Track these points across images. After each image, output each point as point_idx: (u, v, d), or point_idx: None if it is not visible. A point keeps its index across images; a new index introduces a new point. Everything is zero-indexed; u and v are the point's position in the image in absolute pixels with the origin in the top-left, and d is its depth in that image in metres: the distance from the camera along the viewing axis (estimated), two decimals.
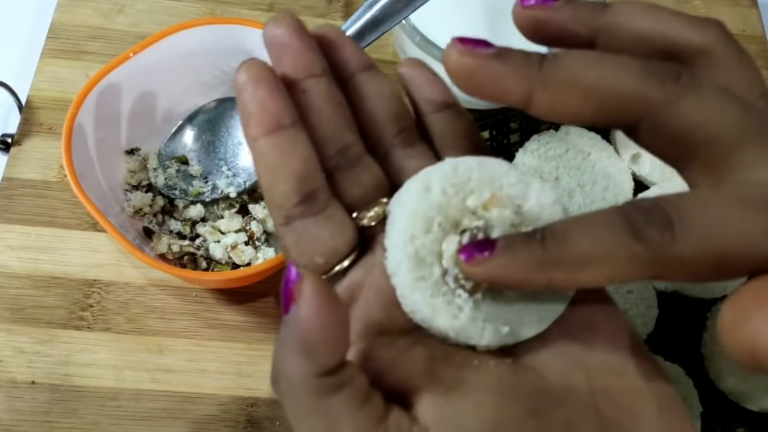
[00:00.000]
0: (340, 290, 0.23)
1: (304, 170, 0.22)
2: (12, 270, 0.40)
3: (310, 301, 0.18)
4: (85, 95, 0.37)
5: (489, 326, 0.21)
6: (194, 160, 0.42)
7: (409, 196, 0.22)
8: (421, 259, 0.21)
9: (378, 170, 0.24)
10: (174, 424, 0.37)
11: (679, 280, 0.20)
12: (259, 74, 0.21)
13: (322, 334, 0.18)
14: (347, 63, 0.24)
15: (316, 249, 0.22)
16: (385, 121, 0.24)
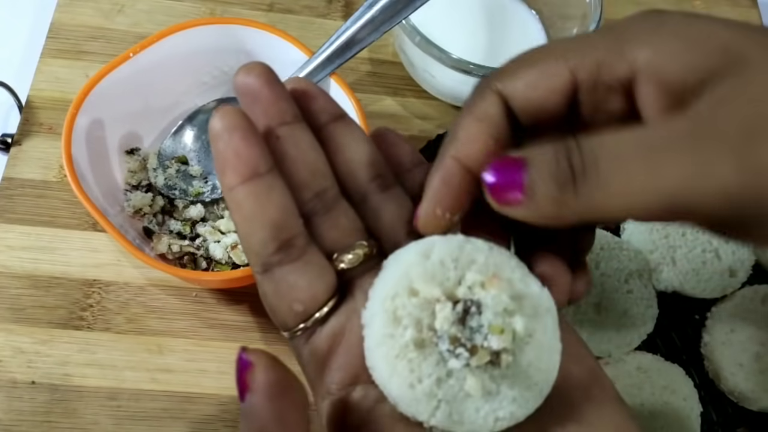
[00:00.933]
0: (320, 337, 0.22)
1: (281, 218, 0.21)
2: (12, 270, 0.40)
3: (263, 390, 0.18)
4: (85, 95, 0.37)
5: (444, 407, 0.20)
6: (194, 160, 0.42)
7: (406, 257, 0.22)
8: (397, 319, 0.21)
9: (354, 215, 0.24)
10: (174, 424, 0.37)
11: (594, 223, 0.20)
12: (234, 122, 0.21)
13: (279, 424, 0.18)
14: (320, 113, 0.24)
15: (295, 297, 0.22)
16: (360, 167, 0.24)
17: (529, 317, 0.21)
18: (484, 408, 0.20)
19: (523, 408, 0.21)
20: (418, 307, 0.21)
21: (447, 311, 0.20)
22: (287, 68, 0.39)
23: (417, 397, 0.20)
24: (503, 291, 0.21)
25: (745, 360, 0.39)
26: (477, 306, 0.20)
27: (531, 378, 0.21)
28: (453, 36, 0.45)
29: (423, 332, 0.21)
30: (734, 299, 0.41)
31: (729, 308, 0.41)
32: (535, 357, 0.21)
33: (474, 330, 0.20)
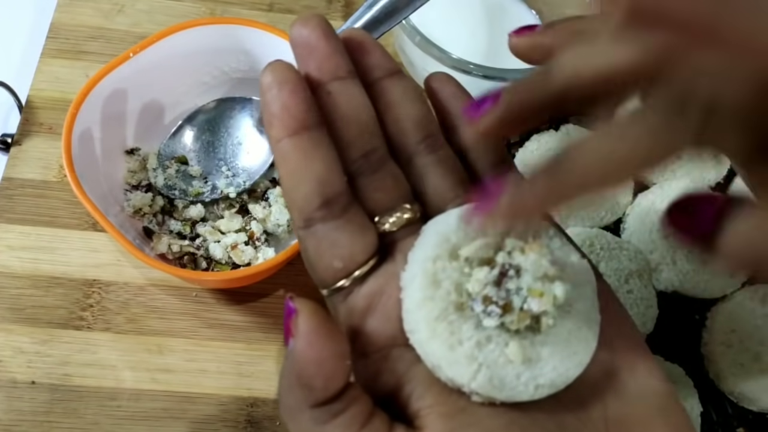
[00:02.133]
0: (358, 297, 0.22)
1: (325, 173, 0.21)
2: (12, 270, 0.40)
3: (305, 336, 0.19)
4: (85, 95, 0.37)
5: (484, 371, 0.20)
6: (194, 161, 0.42)
7: (446, 221, 0.22)
8: (436, 281, 0.21)
9: (401, 176, 0.24)
10: (174, 424, 0.37)
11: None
12: (284, 76, 0.21)
13: (317, 368, 0.19)
14: (374, 67, 0.24)
15: (335, 253, 0.22)
16: (409, 127, 0.24)
17: (570, 286, 0.21)
18: (524, 374, 0.20)
19: (563, 376, 0.21)
20: (457, 271, 0.21)
21: (482, 273, 0.20)
22: None
23: (458, 359, 0.20)
24: (543, 256, 0.20)
25: (745, 360, 0.39)
26: (516, 270, 0.20)
27: (571, 347, 0.21)
28: (453, 36, 0.45)
29: (462, 296, 0.21)
30: (734, 299, 0.41)
31: (729, 308, 0.41)
32: (575, 326, 0.21)
33: (512, 292, 0.20)
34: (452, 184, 0.24)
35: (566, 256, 0.22)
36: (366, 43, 0.24)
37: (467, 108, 0.22)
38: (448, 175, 0.24)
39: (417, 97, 0.24)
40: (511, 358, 0.20)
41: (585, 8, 0.44)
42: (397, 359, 0.21)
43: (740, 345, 0.40)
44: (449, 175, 0.24)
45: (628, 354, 0.23)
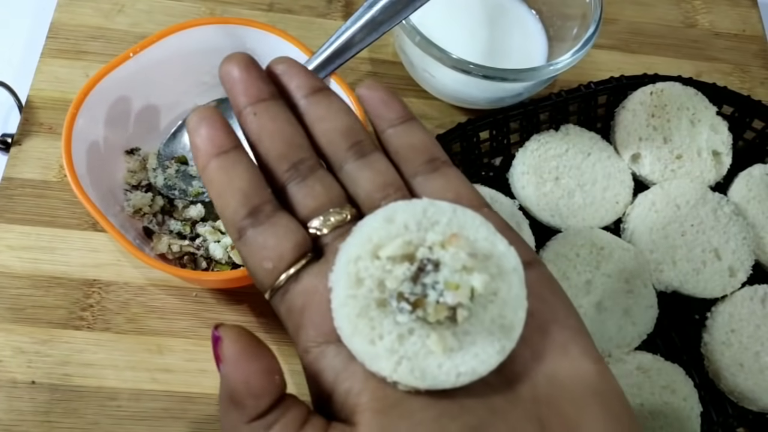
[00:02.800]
0: (294, 295, 0.23)
1: (248, 187, 0.24)
2: (12, 270, 0.40)
3: (231, 360, 0.21)
4: (85, 95, 0.37)
5: (405, 363, 0.21)
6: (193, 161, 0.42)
7: (370, 222, 0.23)
8: (359, 280, 0.22)
9: (331, 182, 0.25)
10: (174, 424, 0.37)
11: None
12: (203, 114, 0.24)
13: (246, 388, 0.21)
14: (298, 89, 0.26)
15: (264, 255, 0.23)
16: (336, 137, 0.26)
17: (493, 275, 0.22)
18: (446, 364, 0.21)
19: (485, 364, 0.21)
20: (380, 269, 0.22)
21: (400, 270, 0.21)
22: None
23: (378, 353, 0.21)
24: (462, 249, 0.21)
25: (745, 360, 0.39)
26: (435, 264, 0.21)
27: (494, 335, 0.21)
28: (453, 36, 0.45)
29: (385, 293, 0.22)
30: (734, 299, 0.41)
31: (729, 308, 0.41)
32: (499, 314, 0.22)
33: (428, 287, 0.21)
34: (381, 185, 0.25)
35: (492, 245, 0.22)
36: (289, 69, 0.26)
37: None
38: (376, 176, 0.25)
39: (341, 110, 0.26)
40: (432, 348, 0.21)
41: (585, 8, 0.44)
42: (334, 356, 0.22)
43: (740, 345, 0.40)
44: (378, 177, 0.25)
45: (561, 337, 0.23)
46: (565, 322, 0.24)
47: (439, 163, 0.27)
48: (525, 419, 0.21)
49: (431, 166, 0.26)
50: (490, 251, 0.22)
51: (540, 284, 0.24)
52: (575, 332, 0.24)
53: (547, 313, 0.24)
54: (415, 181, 0.26)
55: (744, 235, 0.43)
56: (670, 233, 0.42)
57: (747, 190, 0.45)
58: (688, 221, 0.43)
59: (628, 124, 0.45)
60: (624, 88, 0.47)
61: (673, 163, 0.45)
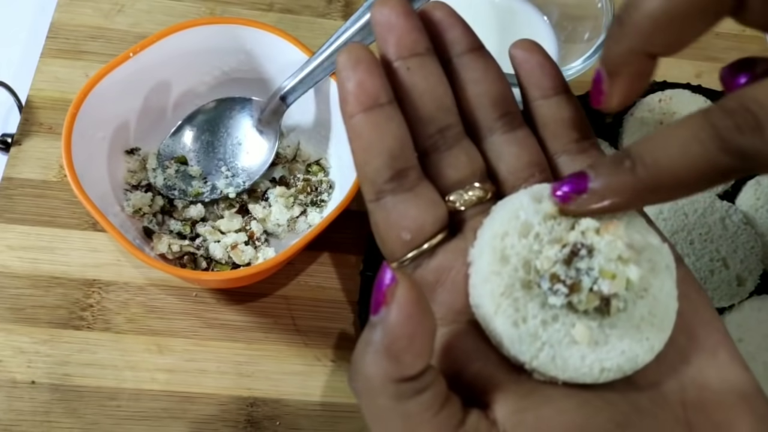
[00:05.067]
0: (427, 271, 0.22)
1: (397, 148, 0.22)
2: (12, 270, 0.40)
3: (402, 307, 0.18)
4: (85, 95, 0.37)
5: (547, 350, 0.20)
6: (193, 161, 0.42)
7: (518, 199, 0.22)
8: (504, 257, 0.20)
9: (476, 154, 0.24)
10: (174, 424, 0.37)
11: None
12: (359, 55, 0.22)
13: (409, 342, 0.18)
14: (453, 44, 0.24)
15: (404, 225, 0.22)
16: (486, 104, 0.24)
17: (646, 271, 0.20)
18: (590, 356, 0.20)
19: (631, 362, 0.20)
20: (527, 248, 0.21)
21: (552, 251, 0.20)
22: (287, 68, 0.39)
23: (521, 337, 0.20)
24: (619, 238, 0.20)
25: (754, 369, 0.39)
26: (589, 250, 0.20)
27: (642, 333, 0.20)
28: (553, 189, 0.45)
29: (530, 274, 0.20)
30: (742, 309, 0.41)
31: (737, 318, 0.41)
32: (649, 312, 0.20)
33: (582, 272, 0.20)
34: (526, 164, 0.24)
35: (645, 239, 0.21)
36: (445, 20, 0.24)
37: (556, 191, 0.21)
38: (523, 154, 0.24)
39: (496, 75, 0.24)
40: (577, 339, 0.20)
41: (596, 12, 0.44)
42: (465, 335, 0.21)
43: (748, 355, 0.40)
44: (524, 154, 0.24)
45: (709, 341, 0.22)
46: (711, 325, 0.23)
47: (588, 144, 0.25)
48: (674, 422, 0.20)
49: (579, 147, 0.25)
50: (643, 245, 0.21)
51: (685, 283, 0.23)
52: (723, 336, 0.22)
53: (693, 314, 0.22)
54: (560, 160, 0.25)
55: (752, 245, 0.43)
56: (677, 241, 0.42)
57: (755, 198, 0.45)
58: (696, 230, 0.42)
59: (637, 131, 0.45)
60: None
61: None
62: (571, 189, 0.21)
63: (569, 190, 0.21)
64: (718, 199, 0.44)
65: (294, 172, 0.43)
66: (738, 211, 0.44)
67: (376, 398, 0.19)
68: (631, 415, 0.20)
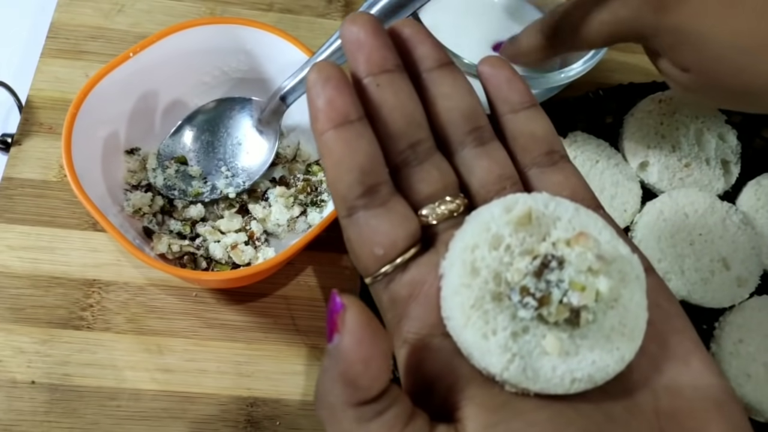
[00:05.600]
0: (400, 285, 0.22)
1: (367, 164, 0.22)
2: (12, 270, 0.40)
3: (353, 332, 0.18)
4: (85, 95, 0.37)
5: (518, 362, 0.20)
6: (193, 161, 0.42)
7: (489, 210, 0.22)
8: (475, 270, 0.21)
9: (448, 168, 0.24)
10: (174, 424, 0.37)
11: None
12: (329, 73, 0.22)
13: (364, 366, 0.18)
14: (422, 59, 0.24)
15: (376, 240, 0.22)
16: (457, 119, 0.24)
17: (616, 281, 0.20)
18: (561, 367, 0.20)
19: (602, 372, 0.20)
20: (497, 260, 0.21)
21: (523, 263, 0.20)
22: (287, 68, 0.39)
23: (490, 349, 0.20)
24: (590, 249, 0.20)
25: (754, 370, 0.39)
26: (559, 262, 0.20)
27: (613, 343, 0.20)
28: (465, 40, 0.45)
29: (501, 286, 0.20)
30: (743, 309, 0.41)
31: (737, 318, 0.41)
32: (619, 322, 0.21)
33: (552, 284, 0.20)
34: (498, 177, 0.24)
35: (615, 249, 0.21)
36: (415, 36, 0.24)
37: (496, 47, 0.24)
38: (494, 167, 0.24)
39: (465, 89, 0.25)
40: (547, 350, 0.20)
41: None
42: (438, 349, 0.21)
43: (748, 355, 0.39)
44: (495, 167, 0.24)
45: (681, 349, 0.22)
46: (683, 333, 0.23)
47: (557, 156, 0.25)
48: (647, 430, 0.20)
49: (549, 159, 0.25)
50: (613, 256, 0.21)
51: (656, 292, 0.23)
52: (695, 344, 0.22)
53: (664, 323, 0.22)
54: (531, 173, 0.25)
55: (753, 245, 0.43)
56: (678, 242, 0.42)
57: (756, 199, 0.45)
58: (696, 230, 0.42)
59: (637, 131, 0.45)
60: (632, 96, 0.47)
61: (682, 172, 0.45)
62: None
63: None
64: (719, 200, 0.44)
65: (294, 172, 0.43)
66: (738, 211, 0.44)
67: (340, 423, 0.19)
68: (604, 425, 0.20)
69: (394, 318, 0.23)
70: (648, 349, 0.21)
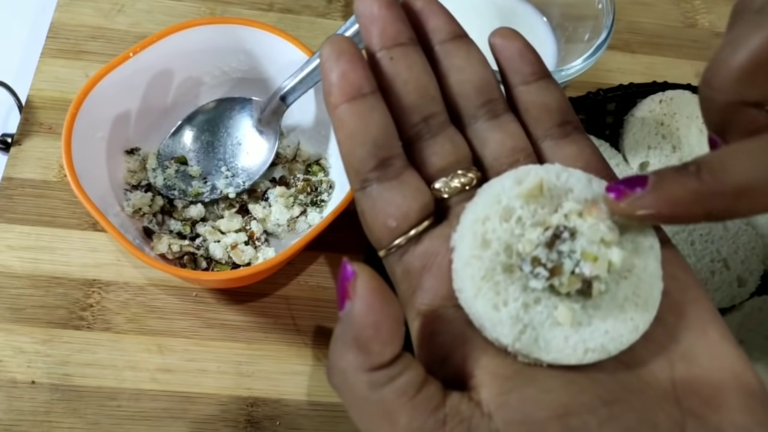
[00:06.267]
0: (414, 257, 0.22)
1: (381, 136, 0.22)
2: (12, 270, 0.40)
3: (364, 298, 0.19)
4: (85, 95, 0.37)
5: (529, 332, 0.20)
6: (193, 161, 0.42)
7: (500, 183, 0.22)
8: (485, 242, 0.21)
9: (461, 141, 0.24)
10: (174, 424, 0.37)
11: None
12: (342, 47, 0.22)
13: (375, 331, 0.19)
14: (435, 32, 0.24)
15: (389, 212, 0.22)
16: (470, 92, 0.24)
17: (629, 252, 0.21)
18: (573, 337, 0.20)
19: (615, 342, 0.20)
20: (508, 232, 0.21)
21: (534, 234, 0.20)
22: (287, 68, 0.39)
23: (501, 320, 0.20)
24: (601, 220, 0.20)
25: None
26: (571, 232, 0.20)
27: (627, 313, 0.20)
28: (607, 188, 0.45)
29: (512, 257, 0.20)
30: (743, 309, 0.41)
31: (738, 318, 0.41)
32: (633, 293, 0.21)
33: (564, 255, 0.20)
34: (511, 150, 0.24)
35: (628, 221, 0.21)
36: (427, 8, 0.24)
37: (610, 188, 0.21)
38: (507, 140, 0.24)
39: (479, 62, 0.25)
40: (559, 320, 0.20)
41: (596, 13, 0.44)
42: (451, 320, 0.21)
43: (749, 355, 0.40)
44: (508, 140, 0.24)
45: (698, 319, 0.22)
46: (700, 304, 0.22)
47: (570, 128, 0.25)
48: (662, 398, 0.20)
49: (562, 131, 0.25)
50: (626, 226, 0.21)
51: (672, 263, 0.23)
52: (712, 314, 0.22)
53: (681, 294, 0.22)
54: (544, 145, 0.25)
55: (753, 245, 0.43)
56: (678, 242, 0.42)
57: None
58: (696, 231, 0.42)
59: (637, 131, 0.45)
60: (633, 96, 0.47)
61: None
62: (628, 186, 0.20)
63: (625, 187, 0.20)
64: None
65: (294, 172, 0.43)
66: None
67: (353, 390, 0.20)
68: (620, 393, 0.20)
69: (408, 290, 0.23)
70: (664, 319, 0.21)
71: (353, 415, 0.20)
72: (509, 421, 0.19)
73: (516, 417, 0.19)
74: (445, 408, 0.19)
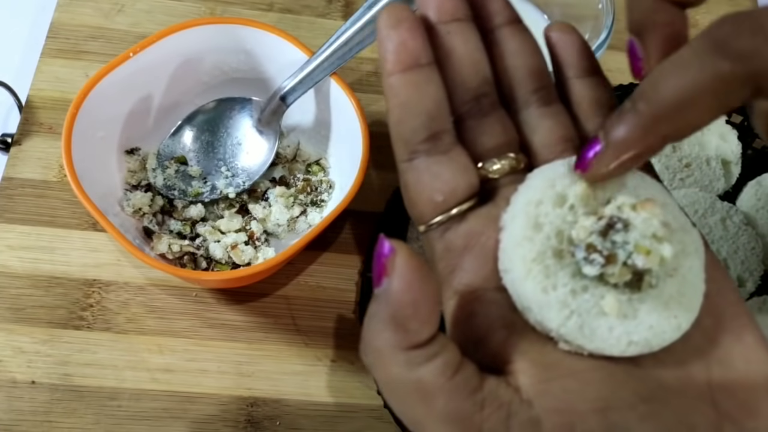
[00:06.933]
0: (456, 235, 0.22)
1: (434, 109, 0.22)
2: (12, 270, 0.40)
3: (403, 275, 0.18)
4: (85, 95, 0.37)
5: (575, 319, 0.20)
6: (193, 161, 0.42)
7: (554, 168, 0.22)
8: (537, 224, 0.21)
9: (510, 125, 0.24)
10: (174, 424, 0.37)
11: None
12: (401, 15, 0.22)
13: (413, 309, 0.18)
14: (493, 15, 0.24)
15: (436, 187, 0.22)
16: (523, 77, 0.24)
17: (678, 251, 0.21)
18: (618, 328, 0.20)
19: (658, 338, 0.20)
20: (560, 218, 0.21)
21: (589, 221, 0.20)
22: (287, 68, 0.39)
23: (549, 303, 0.20)
24: (655, 216, 0.20)
25: None
26: (624, 224, 0.20)
27: (671, 311, 0.20)
28: None
29: (562, 243, 0.20)
30: None
31: None
32: (678, 291, 0.21)
33: (617, 245, 0.20)
34: (560, 138, 0.24)
35: (677, 221, 0.21)
36: None
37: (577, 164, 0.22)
38: (557, 128, 0.24)
39: (533, 48, 0.24)
40: (606, 310, 0.20)
41: (597, 12, 0.44)
42: (490, 302, 0.21)
43: None
44: (558, 129, 0.24)
45: (735, 323, 0.22)
46: (737, 308, 0.23)
47: None
48: (700, 400, 0.20)
49: None
50: (675, 226, 0.21)
51: (711, 267, 0.23)
52: (748, 320, 0.22)
53: (719, 298, 0.22)
54: None
55: (753, 245, 0.43)
56: None
57: (756, 199, 0.45)
58: None
59: None
60: None
61: (682, 172, 0.45)
62: (587, 153, 0.21)
63: (584, 154, 0.21)
64: (719, 200, 0.44)
65: (294, 172, 0.43)
66: (738, 211, 0.44)
67: (388, 369, 0.19)
68: (657, 391, 0.20)
69: (446, 268, 0.22)
70: (702, 321, 0.21)
71: (387, 394, 0.20)
72: (550, 409, 0.19)
73: (558, 406, 0.19)
74: (483, 391, 0.19)
